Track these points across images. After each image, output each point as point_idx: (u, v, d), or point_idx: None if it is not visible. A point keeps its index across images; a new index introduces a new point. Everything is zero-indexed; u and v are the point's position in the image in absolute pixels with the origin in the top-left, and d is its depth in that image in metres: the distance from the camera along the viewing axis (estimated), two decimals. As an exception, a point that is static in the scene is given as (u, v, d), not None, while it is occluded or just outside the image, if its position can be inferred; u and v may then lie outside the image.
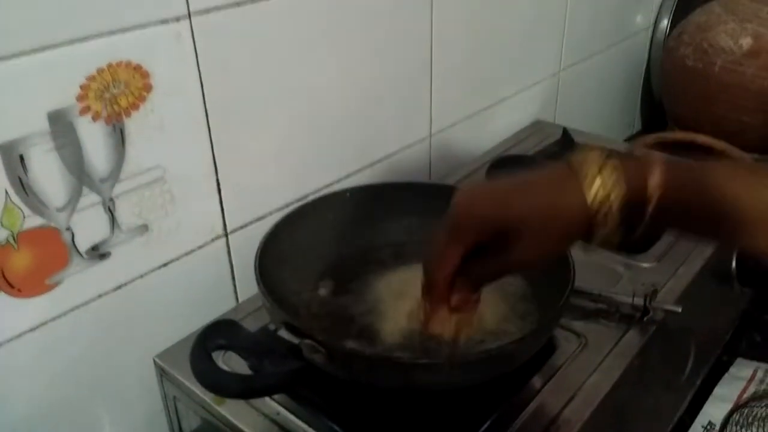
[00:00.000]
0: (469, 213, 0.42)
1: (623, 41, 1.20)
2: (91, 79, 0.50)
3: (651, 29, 1.27)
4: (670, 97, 1.18)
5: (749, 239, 0.41)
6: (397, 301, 0.58)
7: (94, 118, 0.51)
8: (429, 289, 0.45)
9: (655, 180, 0.39)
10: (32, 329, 0.53)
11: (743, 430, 0.68)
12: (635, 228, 0.41)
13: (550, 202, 0.41)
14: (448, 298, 0.44)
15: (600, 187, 0.39)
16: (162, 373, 0.58)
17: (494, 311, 0.57)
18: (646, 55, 1.29)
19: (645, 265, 0.68)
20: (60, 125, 0.50)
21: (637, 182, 0.40)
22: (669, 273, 0.66)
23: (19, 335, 0.52)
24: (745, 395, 0.72)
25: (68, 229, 0.52)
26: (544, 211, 0.41)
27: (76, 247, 0.53)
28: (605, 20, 1.12)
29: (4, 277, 0.50)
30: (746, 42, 1.03)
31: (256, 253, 0.55)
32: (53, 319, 0.54)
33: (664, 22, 1.25)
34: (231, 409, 0.53)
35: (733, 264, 0.75)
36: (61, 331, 0.55)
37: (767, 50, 1.01)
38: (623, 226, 0.40)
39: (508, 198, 0.42)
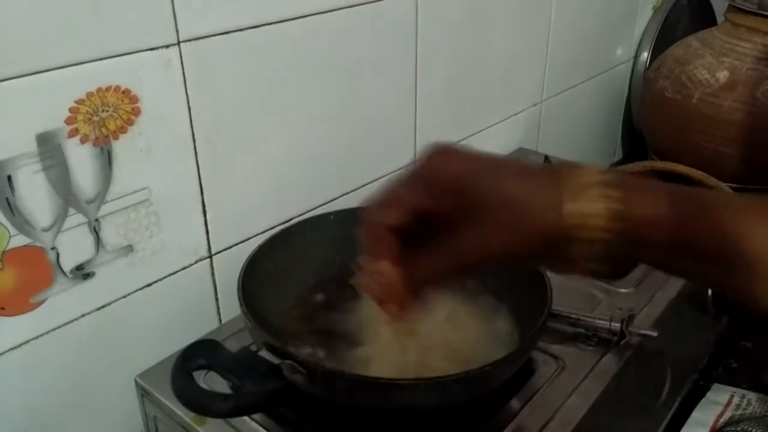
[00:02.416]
0: (441, 166, 0.36)
1: (604, 73, 1.23)
2: (81, 102, 0.51)
3: (631, 62, 1.30)
4: (650, 127, 1.20)
5: (746, 283, 0.36)
6: (379, 323, 0.59)
7: (82, 141, 0.52)
8: (365, 241, 0.38)
9: (663, 209, 0.35)
10: (15, 347, 0.53)
11: (719, 454, 0.69)
12: (622, 261, 0.36)
13: (528, 194, 0.35)
14: (383, 256, 0.37)
15: (590, 204, 0.34)
16: (143, 393, 0.58)
17: (472, 333, 0.58)
18: (626, 87, 1.32)
19: (622, 290, 0.69)
20: (48, 147, 0.51)
21: (640, 209, 0.34)
22: (646, 298, 0.68)
23: (1, 354, 0.53)
24: (722, 420, 0.73)
25: (53, 248, 0.53)
26: (518, 200, 0.35)
27: (60, 266, 0.54)
28: (587, 52, 1.15)
29: (-12, 295, 0.51)
30: (723, 75, 1.06)
31: (240, 274, 0.56)
32: (36, 337, 0.54)
33: (644, 55, 1.29)
34: (211, 430, 0.53)
35: (710, 291, 0.76)
36: (43, 350, 0.55)
37: (743, 83, 1.04)
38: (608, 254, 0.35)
39: (489, 170, 0.36)
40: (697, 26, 1.27)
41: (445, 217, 0.36)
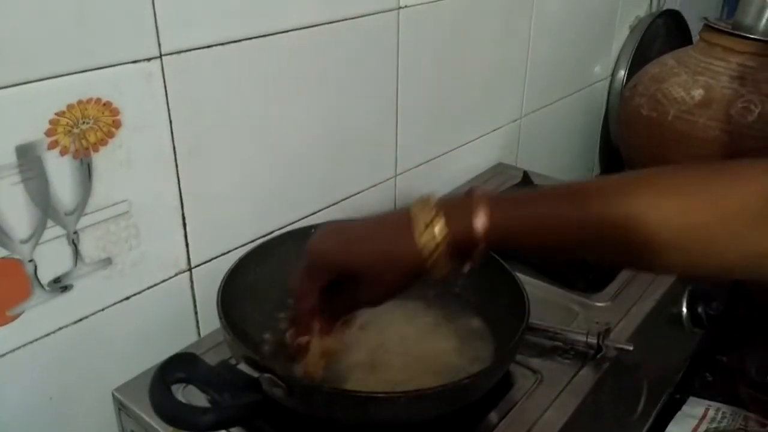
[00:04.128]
0: (320, 258, 0.47)
1: (583, 90, 1.25)
2: (61, 114, 0.51)
3: (609, 79, 1.32)
4: (626, 143, 1.22)
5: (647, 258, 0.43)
6: (359, 337, 0.59)
7: (62, 153, 0.52)
8: (296, 319, 0.50)
9: (480, 222, 0.43)
10: (-10, 361, 0.53)
11: (695, 467, 0.70)
12: (472, 261, 0.45)
13: (386, 251, 0.45)
14: (312, 326, 0.49)
15: (430, 236, 0.43)
16: (120, 407, 0.57)
17: (451, 347, 0.59)
18: (604, 104, 1.34)
19: (599, 304, 0.70)
20: (28, 159, 0.50)
21: (464, 227, 0.43)
22: (622, 312, 0.69)
23: (-23, 367, 0.52)
24: (697, 433, 0.74)
25: (31, 261, 0.53)
26: (381, 258, 0.45)
27: (38, 279, 0.54)
28: (565, 69, 1.17)
29: (-37, 308, 0.50)
30: (698, 93, 1.08)
31: (219, 287, 0.56)
32: (13, 350, 0.54)
33: (621, 73, 1.31)
34: (189, 444, 0.53)
35: (684, 305, 0.78)
36: (19, 363, 0.54)
37: (717, 101, 1.06)
38: (457, 262, 0.45)
39: (351, 246, 0.46)
40: (673, 45, 1.30)
41: (343, 279, 0.46)
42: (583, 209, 0.43)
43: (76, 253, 0.56)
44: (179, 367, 0.50)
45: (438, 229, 0.43)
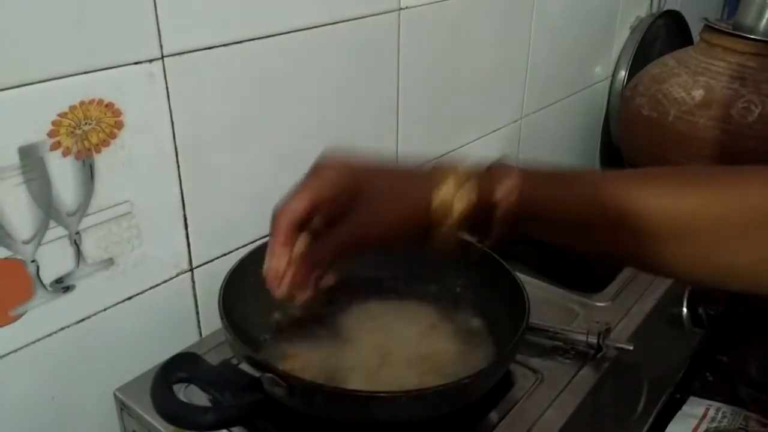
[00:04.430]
0: (334, 164, 0.44)
1: (583, 90, 1.25)
2: (63, 115, 0.52)
3: (609, 80, 1.33)
4: (627, 143, 1.22)
5: (650, 249, 0.43)
6: (360, 336, 0.60)
7: (65, 154, 0.52)
8: (272, 231, 0.45)
9: (504, 189, 0.42)
10: (-7, 361, 0.53)
11: (695, 466, 0.70)
12: (487, 233, 0.43)
13: (402, 187, 0.43)
14: (288, 246, 0.44)
15: (448, 191, 0.42)
16: (122, 407, 0.58)
17: (452, 346, 0.59)
18: (605, 104, 1.34)
19: (599, 303, 0.70)
20: (30, 160, 0.51)
21: (486, 191, 0.42)
22: (622, 312, 0.69)
23: (-20, 367, 0.52)
24: (697, 433, 0.74)
25: (33, 261, 0.53)
26: (395, 193, 0.43)
27: (40, 279, 0.54)
28: (566, 70, 1.17)
29: (-34, 308, 0.50)
30: (698, 93, 1.08)
31: (221, 287, 0.56)
32: (15, 350, 0.54)
33: (622, 73, 1.31)
34: (190, 443, 0.53)
35: (685, 304, 0.78)
36: (22, 364, 0.55)
37: (718, 101, 1.06)
38: (469, 230, 0.43)
39: (372, 170, 0.44)
40: (674, 46, 1.30)
41: (339, 209, 0.43)
42: (605, 194, 0.43)
43: (78, 254, 0.56)
44: (181, 366, 0.50)
45: (460, 187, 0.42)
